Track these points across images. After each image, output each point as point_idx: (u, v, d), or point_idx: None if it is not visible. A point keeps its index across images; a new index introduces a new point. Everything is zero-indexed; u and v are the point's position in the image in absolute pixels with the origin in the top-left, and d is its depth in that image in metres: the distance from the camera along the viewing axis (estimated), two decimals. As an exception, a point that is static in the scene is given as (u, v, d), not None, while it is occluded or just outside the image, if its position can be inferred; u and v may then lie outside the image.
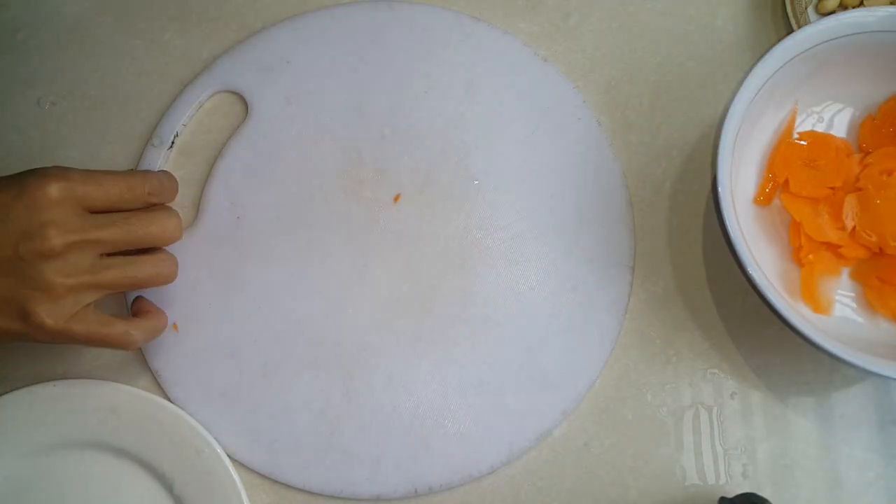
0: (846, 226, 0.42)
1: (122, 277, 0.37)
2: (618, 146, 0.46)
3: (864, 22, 0.40)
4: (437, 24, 0.47)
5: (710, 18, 0.49)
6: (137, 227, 0.37)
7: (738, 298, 0.45)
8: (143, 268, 0.38)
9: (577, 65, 0.48)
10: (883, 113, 0.44)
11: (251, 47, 0.47)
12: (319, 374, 0.42)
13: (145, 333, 0.39)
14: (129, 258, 0.38)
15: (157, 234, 0.38)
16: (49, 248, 0.34)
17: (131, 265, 0.38)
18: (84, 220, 0.36)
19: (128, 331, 0.38)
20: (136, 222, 0.37)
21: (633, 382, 0.43)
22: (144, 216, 0.38)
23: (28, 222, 0.34)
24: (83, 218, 0.36)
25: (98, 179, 0.37)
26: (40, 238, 0.34)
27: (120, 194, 0.37)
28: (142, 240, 0.38)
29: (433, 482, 0.41)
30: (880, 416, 0.43)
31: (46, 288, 0.35)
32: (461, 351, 0.43)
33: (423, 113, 0.46)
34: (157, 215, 0.39)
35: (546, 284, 0.44)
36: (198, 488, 0.40)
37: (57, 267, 0.35)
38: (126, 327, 0.38)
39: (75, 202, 0.35)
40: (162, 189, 0.40)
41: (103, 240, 0.36)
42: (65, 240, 0.35)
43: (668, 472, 0.42)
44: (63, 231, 0.35)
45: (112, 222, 0.37)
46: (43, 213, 0.34)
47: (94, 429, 0.41)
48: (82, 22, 0.49)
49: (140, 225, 0.38)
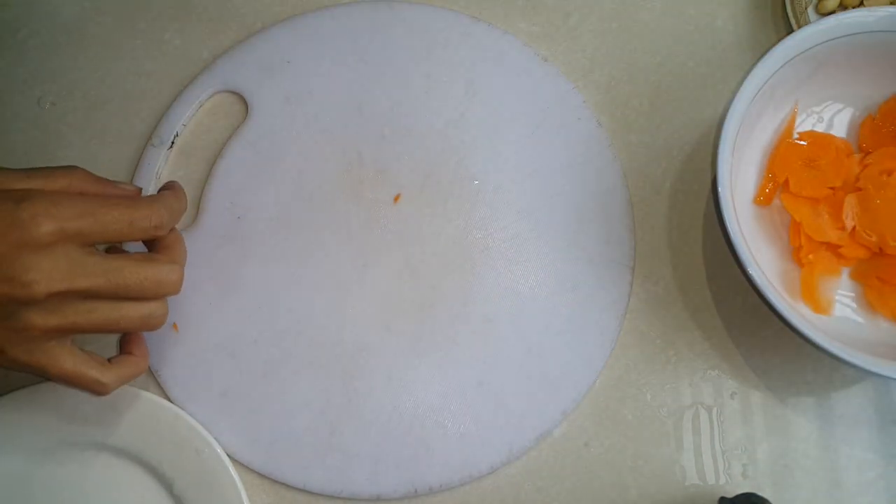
0: (846, 226, 0.42)
1: (104, 324, 0.34)
2: (618, 146, 0.46)
3: (864, 22, 0.40)
4: (437, 24, 0.47)
5: (710, 18, 0.49)
6: (132, 279, 0.34)
7: (738, 298, 0.45)
8: (130, 316, 0.35)
9: (577, 65, 0.48)
10: (883, 113, 0.44)
11: (251, 47, 0.47)
12: (319, 374, 0.42)
13: (119, 382, 0.37)
14: (116, 305, 0.35)
15: (152, 289, 0.35)
16: (31, 297, 0.32)
17: (117, 311, 0.34)
18: (73, 266, 0.32)
19: (99, 380, 0.36)
20: (130, 274, 0.34)
21: (633, 382, 0.43)
22: (141, 268, 0.35)
23: (11, 265, 0.31)
24: (73, 262, 0.32)
25: (96, 214, 0.33)
26: (22, 285, 0.31)
27: (120, 231, 0.34)
28: (136, 293, 0.35)
29: (433, 482, 0.41)
30: (880, 416, 0.43)
31: (24, 328, 0.32)
32: (461, 351, 0.43)
33: (423, 113, 0.46)
34: (155, 269, 0.35)
35: (546, 284, 0.44)
36: (197, 488, 0.40)
37: (37, 311, 0.32)
38: (98, 375, 0.35)
39: (67, 241, 0.32)
40: (171, 218, 0.37)
41: (91, 290, 0.33)
42: (49, 289, 0.32)
43: (668, 472, 0.42)
44: (48, 280, 0.32)
45: (104, 271, 0.33)
46: (29, 258, 0.31)
47: (94, 429, 0.41)
48: (82, 22, 0.49)
49: (135, 278, 0.34)
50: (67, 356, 0.34)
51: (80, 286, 0.32)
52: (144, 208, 0.35)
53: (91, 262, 0.33)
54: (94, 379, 0.35)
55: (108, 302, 0.34)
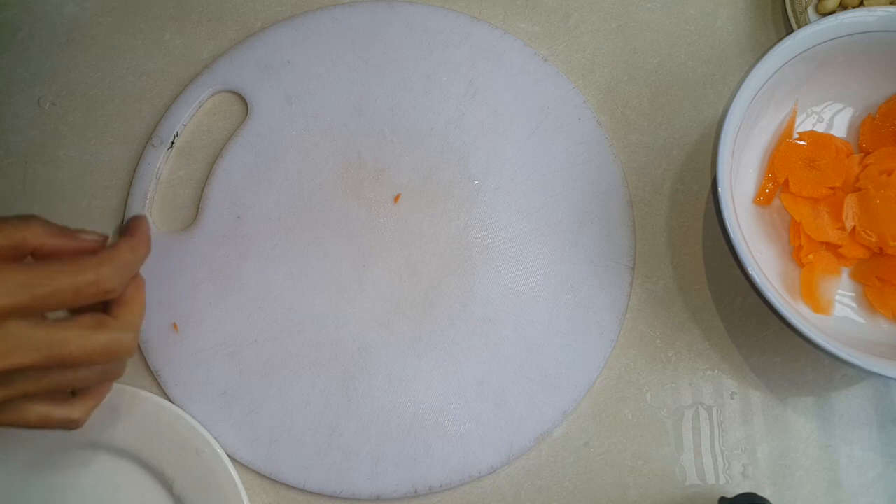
0: (846, 226, 0.42)
1: (59, 386, 0.32)
2: (618, 146, 0.46)
3: (864, 22, 0.40)
4: (437, 24, 0.47)
5: (710, 18, 0.49)
6: (78, 351, 0.31)
7: (738, 298, 0.45)
8: (84, 377, 0.33)
9: (577, 65, 0.48)
10: (883, 113, 0.44)
11: (251, 47, 0.47)
12: (319, 374, 0.42)
13: (89, 412, 0.36)
14: (68, 370, 0.32)
15: (101, 358, 0.32)
16: None
17: (71, 374, 0.33)
18: (13, 343, 0.30)
19: (69, 417, 0.34)
20: (76, 347, 0.31)
21: (633, 382, 0.43)
22: (88, 339, 0.32)
23: None
24: (12, 338, 0.30)
25: (35, 287, 0.30)
26: None
27: (64, 301, 0.31)
28: (84, 363, 0.32)
29: (433, 482, 0.41)
30: (880, 416, 0.43)
31: None
32: (461, 351, 0.43)
33: (423, 113, 0.46)
34: (105, 337, 0.32)
35: (546, 284, 0.44)
36: (197, 488, 0.40)
37: None
38: (67, 413, 0.34)
39: (6, 317, 0.30)
40: (123, 277, 0.33)
41: (35, 365, 0.31)
42: None
43: (668, 473, 0.42)
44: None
45: (48, 346, 0.31)
46: None
47: (93, 429, 0.41)
48: (82, 22, 0.49)
49: (81, 350, 0.32)
50: (29, 409, 0.33)
51: (20, 363, 0.30)
52: (91, 272, 0.32)
53: (34, 337, 0.31)
54: (64, 418, 0.34)
55: (59, 369, 0.32)
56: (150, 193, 0.45)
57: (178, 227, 0.45)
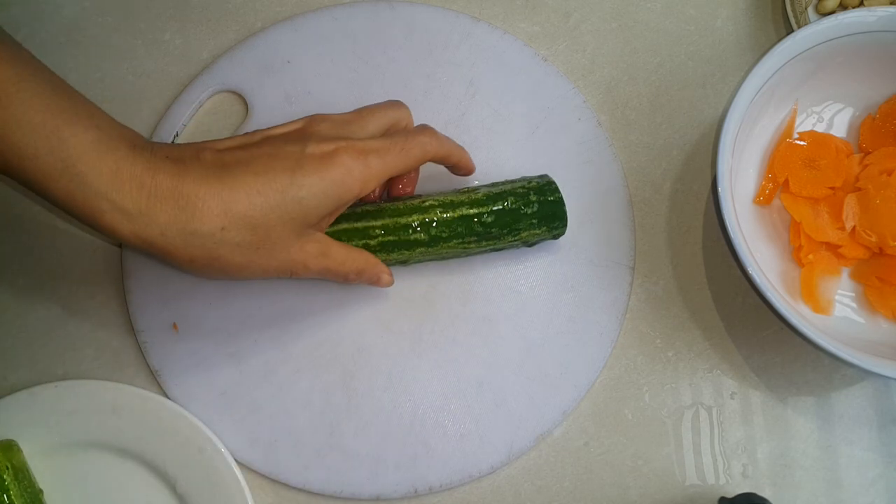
0: (846, 226, 0.42)
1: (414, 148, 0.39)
2: (618, 146, 0.46)
3: (864, 22, 0.40)
4: (437, 24, 0.47)
5: (710, 18, 0.49)
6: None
7: (738, 298, 0.45)
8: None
9: (577, 65, 0.48)
10: (883, 113, 0.44)
11: (251, 47, 0.47)
12: (319, 374, 0.42)
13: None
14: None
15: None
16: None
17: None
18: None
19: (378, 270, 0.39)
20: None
21: (633, 382, 0.43)
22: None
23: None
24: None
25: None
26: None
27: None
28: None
29: (433, 482, 0.41)
30: (880, 416, 0.43)
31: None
32: (461, 351, 0.43)
33: (423, 113, 0.46)
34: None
35: (546, 284, 0.44)
36: (201, 486, 0.40)
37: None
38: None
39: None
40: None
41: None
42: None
43: (668, 473, 0.42)
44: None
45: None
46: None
47: (95, 429, 0.41)
48: (82, 22, 0.49)
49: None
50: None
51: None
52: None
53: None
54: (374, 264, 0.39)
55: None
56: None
57: (178, 227, 0.45)
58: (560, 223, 0.41)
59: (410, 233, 0.40)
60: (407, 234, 0.40)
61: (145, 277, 0.43)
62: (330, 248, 0.37)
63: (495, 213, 0.40)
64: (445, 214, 0.40)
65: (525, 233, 0.41)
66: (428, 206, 0.40)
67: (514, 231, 0.40)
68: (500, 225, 0.40)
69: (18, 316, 0.44)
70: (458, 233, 0.40)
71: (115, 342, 0.43)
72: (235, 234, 0.33)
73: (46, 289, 0.44)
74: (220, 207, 0.33)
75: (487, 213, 0.40)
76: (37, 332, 0.43)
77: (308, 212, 0.35)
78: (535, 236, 0.41)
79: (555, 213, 0.41)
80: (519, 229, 0.40)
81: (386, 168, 0.37)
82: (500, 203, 0.40)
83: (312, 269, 0.37)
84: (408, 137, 0.38)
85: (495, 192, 0.41)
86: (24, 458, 0.40)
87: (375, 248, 0.40)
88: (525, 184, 0.41)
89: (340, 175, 0.35)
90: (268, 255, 0.35)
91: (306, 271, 0.37)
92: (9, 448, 0.39)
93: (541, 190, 0.41)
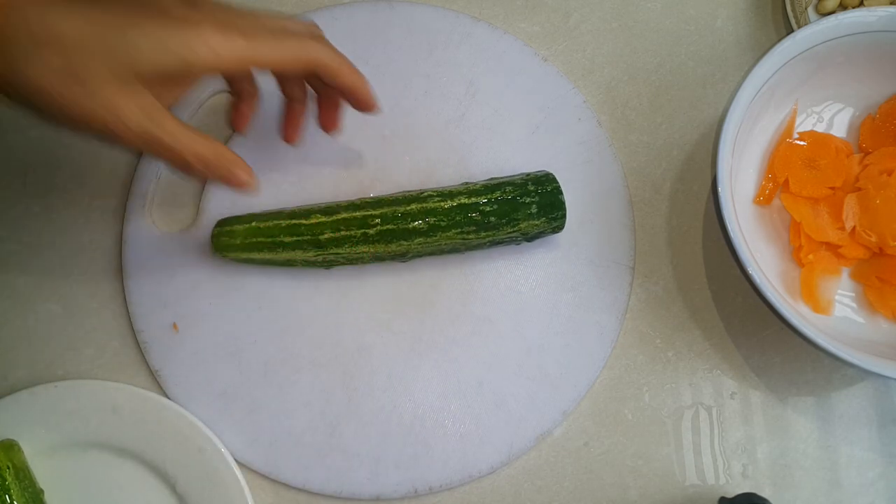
0: (846, 226, 0.42)
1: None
2: (618, 146, 0.46)
3: (864, 22, 0.40)
4: (437, 24, 0.47)
5: (710, 18, 0.49)
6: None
7: (738, 298, 0.45)
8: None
9: (577, 65, 0.48)
10: (883, 113, 0.44)
11: (251, 47, 0.47)
12: (319, 374, 0.42)
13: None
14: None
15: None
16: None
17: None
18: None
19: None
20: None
21: (633, 382, 0.43)
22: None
23: None
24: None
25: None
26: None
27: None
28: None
29: (433, 482, 0.41)
30: (880, 415, 0.43)
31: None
32: (461, 351, 0.43)
33: (423, 113, 0.46)
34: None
35: (546, 284, 0.44)
36: (201, 486, 0.40)
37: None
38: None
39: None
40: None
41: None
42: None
43: (668, 472, 0.42)
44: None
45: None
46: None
47: (95, 429, 0.41)
48: (82, 22, 0.49)
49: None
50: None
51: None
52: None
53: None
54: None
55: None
56: (150, 193, 0.45)
57: (178, 227, 0.45)
58: (559, 213, 0.41)
59: (409, 221, 0.40)
60: (406, 223, 0.40)
61: (145, 277, 0.43)
62: (162, 114, 0.32)
63: (494, 203, 0.40)
64: (444, 203, 0.40)
65: (524, 223, 0.41)
66: (426, 196, 0.40)
67: (514, 221, 0.40)
68: (499, 214, 0.40)
69: (18, 316, 0.44)
70: (456, 222, 0.40)
71: (115, 342, 0.43)
72: (48, 54, 0.30)
73: (46, 289, 0.44)
74: (41, 24, 0.29)
75: (486, 201, 0.40)
76: (37, 332, 0.43)
77: (138, 57, 0.31)
78: (535, 227, 0.41)
79: (553, 203, 0.41)
80: (518, 219, 0.40)
81: (251, 50, 0.33)
82: (498, 192, 0.40)
83: (133, 129, 0.32)
84: (287, 32, 0.35)
85: (494, 183, 0.41)
86: (24, 458, 0.40)
87: (374, 237, 0.40)
88: (524, 176, 0.41)
89: (190, 36, 0.31)
90: (83, 92, 0.31)
91: (126, 130, 0.31)
92: (10, 448, 0.40)
93: (539, 181, 0.41)
